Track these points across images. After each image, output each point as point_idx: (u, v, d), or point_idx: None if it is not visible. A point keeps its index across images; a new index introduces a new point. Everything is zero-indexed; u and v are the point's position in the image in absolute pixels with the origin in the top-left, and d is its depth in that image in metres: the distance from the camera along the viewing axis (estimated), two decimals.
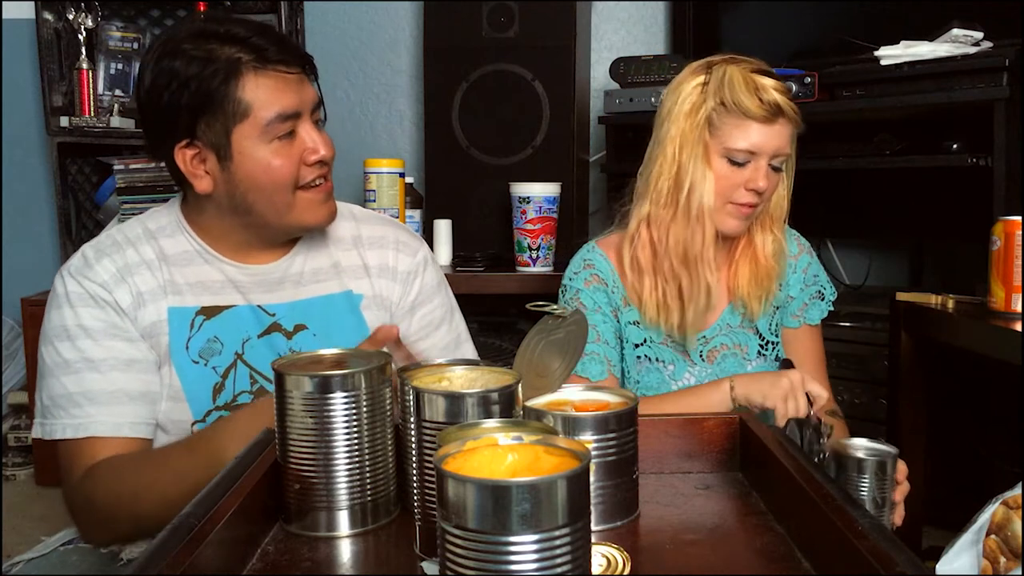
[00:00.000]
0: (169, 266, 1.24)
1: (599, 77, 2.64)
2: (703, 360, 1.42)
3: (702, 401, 1.29)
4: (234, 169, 1.18)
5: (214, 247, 1.25)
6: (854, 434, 1.15)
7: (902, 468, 1.12)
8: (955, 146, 1.97)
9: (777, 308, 1.46)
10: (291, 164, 1.18)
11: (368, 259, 1.33)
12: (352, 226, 1.36)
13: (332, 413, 0.82)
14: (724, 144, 1.32)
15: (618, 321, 1.42)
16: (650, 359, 1.42)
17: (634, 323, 1.42)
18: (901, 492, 1.13)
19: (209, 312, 1.23)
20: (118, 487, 1.11)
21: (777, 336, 1.46)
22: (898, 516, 1.14)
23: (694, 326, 1.39)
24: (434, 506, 0.61)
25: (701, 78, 1.35)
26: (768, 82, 1.31)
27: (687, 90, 1.35)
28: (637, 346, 1.42)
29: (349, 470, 0.83)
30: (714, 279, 1.37)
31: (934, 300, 1.67)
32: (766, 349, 1.44)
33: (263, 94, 1.16)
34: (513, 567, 0.56)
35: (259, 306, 1.26)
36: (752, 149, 1.31)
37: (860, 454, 1.07)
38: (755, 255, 1.42)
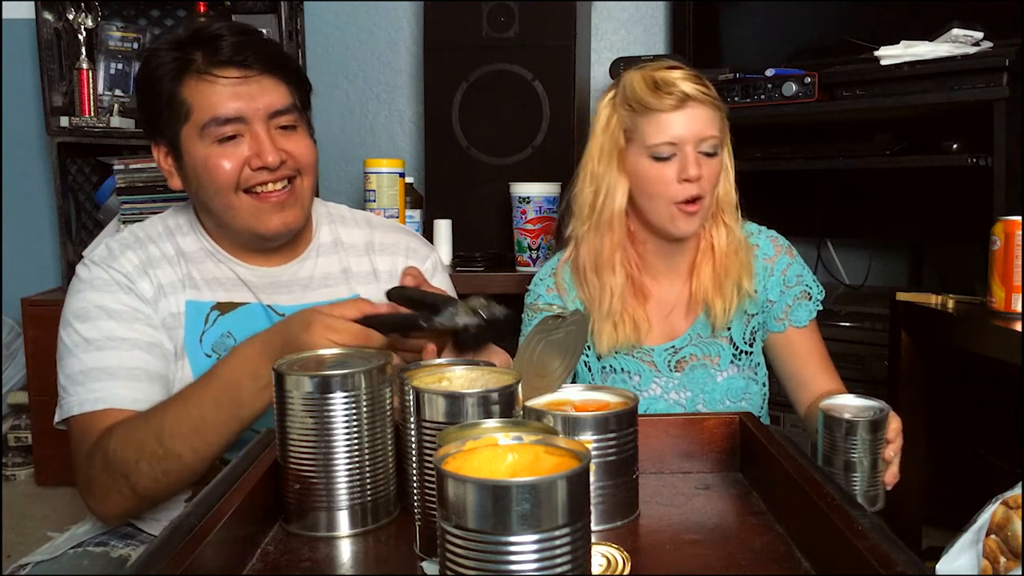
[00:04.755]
0: (187, 262, 1.26)
1: (599, 77, 2.64)
2: (671, 370, 1.40)
3: None
4: (185, 167, 1.22)
5: (223, 247, 1.28)
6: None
7: (894, 425, 1.08)
8: (955, 146, 1.97)
9: (753, 315, 1.42)
10: (231, 165, 1.18)
11: (379, 265, 1.35)
12: (366, 233, 1.38)
13: (332, 413, 0.82)
14: (645, 144, 1.32)
15: None
16: (615, 370, 1.41)
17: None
18: (893, 450, 1.08)
19: (224, 308, 1.25)
20: (139, 433, 1.08)
21: (752, 345, 1.42)
22: (890, 475, 1.07)
23: (601, 332, 1.37)
24: (434, 506, 0.61)
25: (611, 93, 1.38)
26: (672, 74, 1.31)
27: (601, 106, 1.38)
28: (600, 357, 1.42)
29: (349, 470, 0.83)
30: (617, 283, 1.36)
31: (934, 300, 1.67)
32: (739, 359, 1.41)
33: (202, 97, 1.18)
34: (513, 567, 0.56)
35: (269, 306, 1.27)
36: (671, 140, 1.30)
37: (848, 415, 1.02)
38: (712, 251, 1.39)
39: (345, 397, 0.82)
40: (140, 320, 1.20)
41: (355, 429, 0.83)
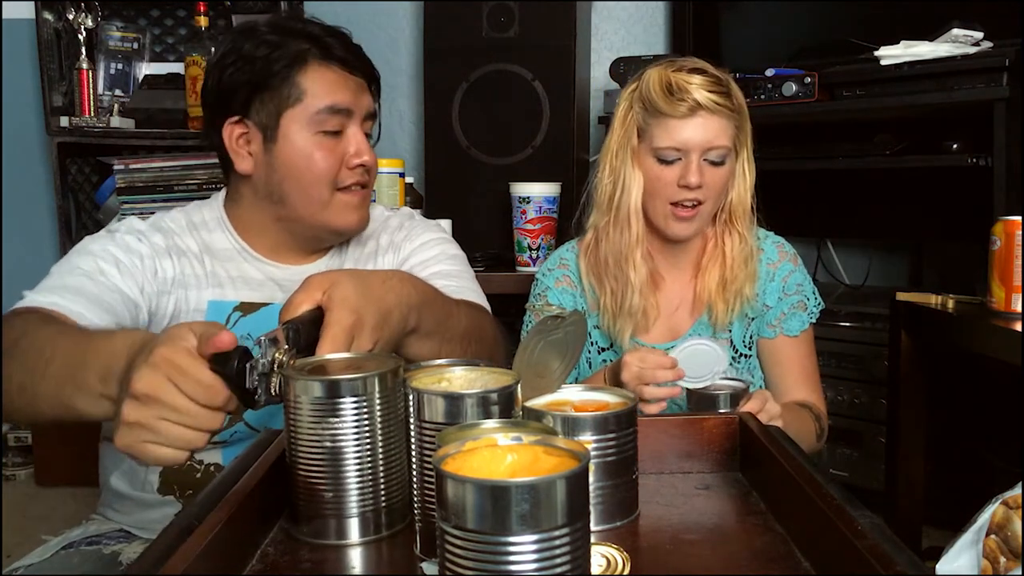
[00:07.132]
0: (212, 259, 1.27)
1: (599, 77, 2.64)
2: None
3: None
4: (276, 152, 1.21)
5: (252, 246, 1.28)
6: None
7: (750, 405, 1.11)
8: (955, 146, 1.97)
9: (753, 319, 1.42)
10: (331, 160, 1.22)
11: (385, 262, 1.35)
12: (385, 233, 1.39)
13: (342, 419, 0.79)
14: (652, 145, 1.34)
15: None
16: None
17: (599, 327, 1.43)
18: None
19: (247, 308, 1.25)
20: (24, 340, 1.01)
21: (751, 349, 1.42)
22: None
23: (623, 330, 1.39)
24: (433, 506, 0.61)
25: (633, 85, 1.38)
26: (691, 79, 1.31)
27: (621, 99, 1.39)
28: (603, 350, 1.42)
29: (360, 477, 0.80)
30: (639, 279, 1.37)
31: (934, 300, 1.67)
32: (738, 362, 1.41)
33: (320, 85, 1.21)
34: (513, 567, 0.56)
35: None
36: (676, 146, 1.32)
37: (699, 387, 1.18)
38: (723, 257, 1.40)
39: (355, 402, 0.79)
40: (110, 263, 1.20)
41: (367, 435, 0.80)
